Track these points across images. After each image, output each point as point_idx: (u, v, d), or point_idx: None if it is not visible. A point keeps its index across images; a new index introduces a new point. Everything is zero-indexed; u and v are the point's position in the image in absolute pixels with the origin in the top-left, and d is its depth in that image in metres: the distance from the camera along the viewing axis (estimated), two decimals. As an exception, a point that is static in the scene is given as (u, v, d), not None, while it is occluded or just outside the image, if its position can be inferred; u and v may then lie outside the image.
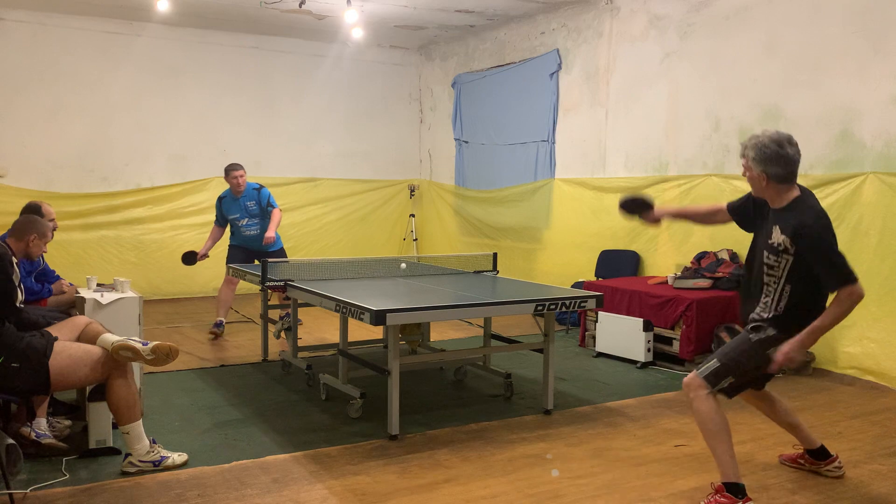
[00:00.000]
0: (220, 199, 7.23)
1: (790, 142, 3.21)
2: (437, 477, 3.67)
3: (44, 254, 4.71)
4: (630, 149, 7.65)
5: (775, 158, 3.17)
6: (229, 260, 6.99)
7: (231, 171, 7.06)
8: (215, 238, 7.29)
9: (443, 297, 4.62)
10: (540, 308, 4.47)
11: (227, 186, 7.20)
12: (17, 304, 3.66)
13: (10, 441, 3.50)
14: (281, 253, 7.14)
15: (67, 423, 4.25)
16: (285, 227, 10.12)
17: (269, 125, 10.08)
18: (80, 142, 9.03)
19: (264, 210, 7.07)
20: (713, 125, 6.76)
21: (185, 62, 9.55)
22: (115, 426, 3.87)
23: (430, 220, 10.98)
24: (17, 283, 3.67)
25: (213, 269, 9.32)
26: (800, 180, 6.05)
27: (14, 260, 3.76)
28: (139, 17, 8.93)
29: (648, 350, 6.01)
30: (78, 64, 8.97)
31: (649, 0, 7.38)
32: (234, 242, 7.25)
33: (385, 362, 4.31)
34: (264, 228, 7.02)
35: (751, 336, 3.28)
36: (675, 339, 5.93)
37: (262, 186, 7.20)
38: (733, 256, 6.43)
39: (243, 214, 7.09)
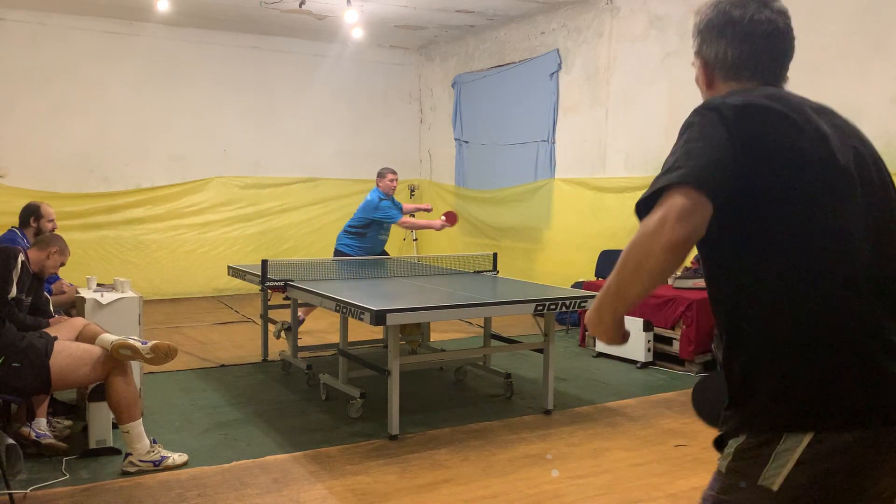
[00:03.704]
0: (385, 200, 6.79)
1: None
2: (437, 477, 3.67)
3: (22, 242, 4.71)
4: (630, 149, 7.65)
5: (724, 27, 1.59)
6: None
7: (386, 173, 6.86)
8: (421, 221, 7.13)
9: (443, 297, 4.62)
10: (540, 308, 4.47)
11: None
12: (7, 299, 3.64)
13: (10, 441, 3.50)
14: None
15: (67, 423, 4.25)
16: (285, 227, 10.16)
17: (269, 125, 10.08)
18: (80, 142, 9.03)
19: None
20: (713, 125, 6.74)
21: (186, 62, 9.54)
22: (115, 426, 3.87)
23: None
24: (14, 280, 3.66)
25: (213, 269, 9.34)
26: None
27: (22, 259, 3.75)
28: (139, 17, 8.92)
29: (648, 350, 6.01)
30: (78, 64, 8.97)
31: (649, 0, 7.38)
32: (361, 251, 6.81)
33: (385, 362, 4.31)
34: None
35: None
36: (675, 339, 5.93)
37: None
38: (733, 256, 6.41)
39: (387, 223, 6.88)
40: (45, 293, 4.26)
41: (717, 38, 1.60)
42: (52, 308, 4.25)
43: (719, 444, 1.49)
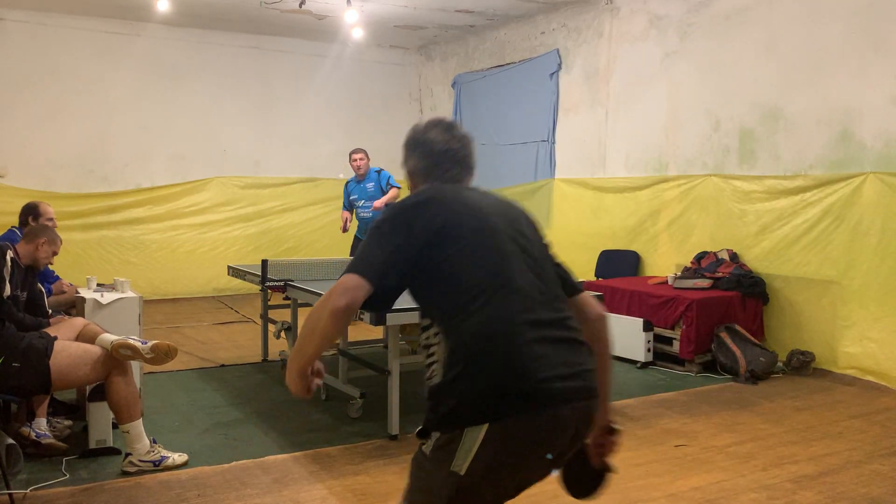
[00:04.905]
0: (346, 184, 7.55)
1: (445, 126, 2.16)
2: (437, 477, 3.67)
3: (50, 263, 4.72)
4: (630, 149, 7.65)
5: (414, 147, 2.16)
6: (352, 252, 7.26)
7: (350, 154, 7.43)
8: (347, 217, 7.53)
9: (443, 297, 4.61)
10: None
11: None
12: (3, 298, 3.64)
13: (10, 441, 3.50)
14: None
15: (67, 423, 4.25)
16: (285, 227, 10.16)
17: (269, 125, 10.08)
18: (80, 142, 9.03)
19: (384, 191, 7.32)
20: (713, 125, 6.76)
21: (185, 62, 9.54)
22: (115, 426, 3.87)
23: (430, 220, 10.97)
24: (7, 278, 3.66)
25: (213, 269, 9.33)
26: (800, 181, 6.17)
27: (11, 256, 3.76)
28: (139, 17, 8.92)
29: (648, 350, 6.01)
30: (78, 64, 8.96)
31: (649, 0, 7.38)
32: (356, 234, 7.57)
33: (385, 362, 4.31)
34: (376, 211, 7.28)
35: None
36: (675, 339, 5.93)
37: (382, 169, 7.45)
38: (733, 256, 6.42)
39: (361, 195, 7.38)
40: (40, 286, 4.24)
41: (412, 155, 2.15)
42: (46, 301, 4.25)
43: (423, 433, 1.84)
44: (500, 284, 1.82)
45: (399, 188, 7.32)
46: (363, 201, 7.35)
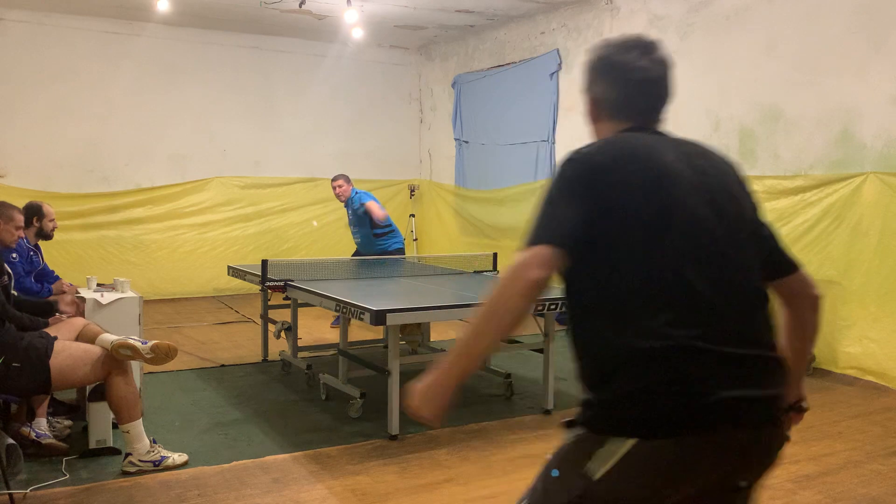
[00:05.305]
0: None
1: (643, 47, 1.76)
2: (437, 477, 3.67)
3: (22, 242, 4.68)
4: (630, 149, 7.65)
5: (606, 70, 1.78)
6: None
7: (331, 182, 7.27)
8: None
9: (443, 297, 4.62)
10: (540, 308, 4.47)
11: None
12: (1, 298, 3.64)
13: (10, 441, 3.50)
14: (397, 253, 7.20)
15: (67, 423, 4.25)
16: (285, 227, 10.16)
17: (269, 125, 10.08)
18: (80, 142, 9.03)
19: (359, 216, 7.11)
20: (713, 125, 6.76)
21: (185, 62, 9.55)
22: (115, 426, 3.87)
23: (430, 220, 10.98)
24: None
25: (213, 269, 9.34)
26: (800, 181, 6.17)
27: None
28: (139, 17, 8.93)
29: (648, 350, 6.00)
30: (78, 64, 8.97)
31: (649, 0, 7.38)
32: (360, 250, 7.40)
33: (385, 362, 4.31)
34: (363, 235, 7.16)
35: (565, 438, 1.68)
36: (675, 339, 5.92)
37: (359, 192, 7.22)
38: (733, 256, 6.42)
39: (349, 222, 7.29)
40: (6, 265, 4.21)
41: (600, 80, 1.78)
42: (12, 279, 4.24)
43: (570, 424, 1.65)
44: (674, 296, 1.54)
45: (371, 201, 7.02)
46: (352, 227, 7.31)
